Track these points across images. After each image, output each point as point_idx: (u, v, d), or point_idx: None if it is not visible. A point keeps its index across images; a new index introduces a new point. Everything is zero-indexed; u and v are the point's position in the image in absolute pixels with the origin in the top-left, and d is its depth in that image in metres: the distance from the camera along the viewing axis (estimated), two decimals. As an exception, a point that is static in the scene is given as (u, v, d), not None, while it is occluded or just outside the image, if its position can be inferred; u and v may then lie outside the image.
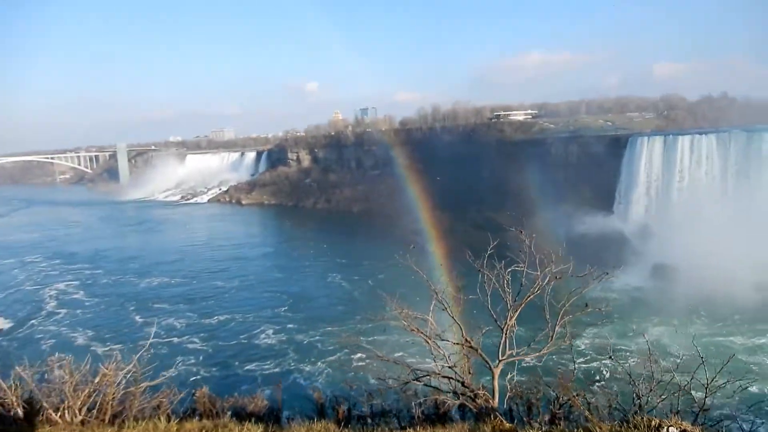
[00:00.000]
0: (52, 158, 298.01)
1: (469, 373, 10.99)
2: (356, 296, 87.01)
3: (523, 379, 11.14)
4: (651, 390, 9.59)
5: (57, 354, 12.29)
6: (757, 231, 74.72)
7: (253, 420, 9.18)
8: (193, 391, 12.79)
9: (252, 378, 60.04)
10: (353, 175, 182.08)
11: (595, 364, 36.27)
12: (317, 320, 75.16)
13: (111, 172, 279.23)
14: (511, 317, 10.96)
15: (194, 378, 57.00)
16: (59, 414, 10.22)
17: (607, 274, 11.23)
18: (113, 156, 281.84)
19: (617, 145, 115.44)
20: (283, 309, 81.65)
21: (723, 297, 65.64)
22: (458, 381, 10.72)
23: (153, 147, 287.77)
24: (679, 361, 10.80)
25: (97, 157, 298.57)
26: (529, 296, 11.01)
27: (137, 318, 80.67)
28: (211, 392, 12.71)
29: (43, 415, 10.27)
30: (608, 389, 10.40)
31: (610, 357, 12.07)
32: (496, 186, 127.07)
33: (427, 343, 11.30)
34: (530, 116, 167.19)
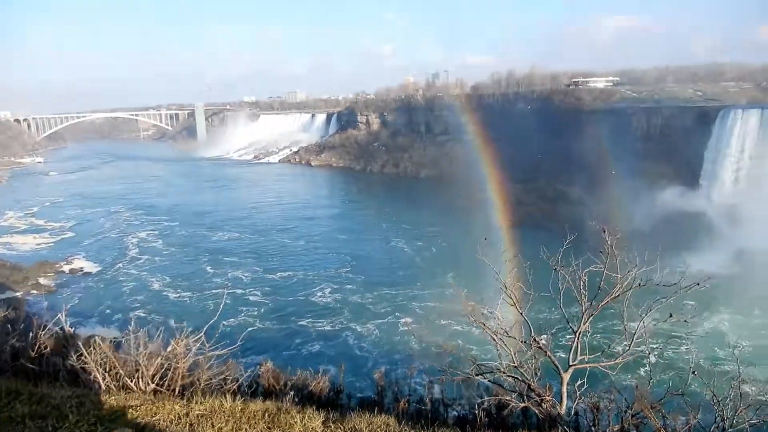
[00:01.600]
0: (136, 115, 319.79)
1: (536, 375, 10.52)
2: (417, 262, 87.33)
3: (593, 385, 10.50)
4: (737, 413, 8.79)
5: (132, 320, 12.93)
6: None
7: (314, 406, 9.28)
8: (259, 365, 13.23)
9: (307, 333, 62.08)
10: (422, 139, 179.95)
11: (673, 372, 34.33)
12: (376, 284, 76.42)
13: (190, 130, 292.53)
14: (586, 321, 10.32)
15: (252, 329, 59.77)
16: (133, 381, 10.84)
17: (698, 285, 10.21)
18: (192, 114, 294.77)
19: (706, 119, 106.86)
20: (344, 270, 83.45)
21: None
22: (524, 382, 10.31)
23: (228, 107, 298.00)
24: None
25: (177, 115, 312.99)
26: (607, 300, 10.27)
27: (208, 269, 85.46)
28: (275, 367, 13.09)
29: (119, 380, 10.93)
30: (689, 404, 9.59)
31: (694, 372, 11.11)
32: (569, 157, 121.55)
33: (493, 339, 10.87)
34: (611, 83, 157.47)
